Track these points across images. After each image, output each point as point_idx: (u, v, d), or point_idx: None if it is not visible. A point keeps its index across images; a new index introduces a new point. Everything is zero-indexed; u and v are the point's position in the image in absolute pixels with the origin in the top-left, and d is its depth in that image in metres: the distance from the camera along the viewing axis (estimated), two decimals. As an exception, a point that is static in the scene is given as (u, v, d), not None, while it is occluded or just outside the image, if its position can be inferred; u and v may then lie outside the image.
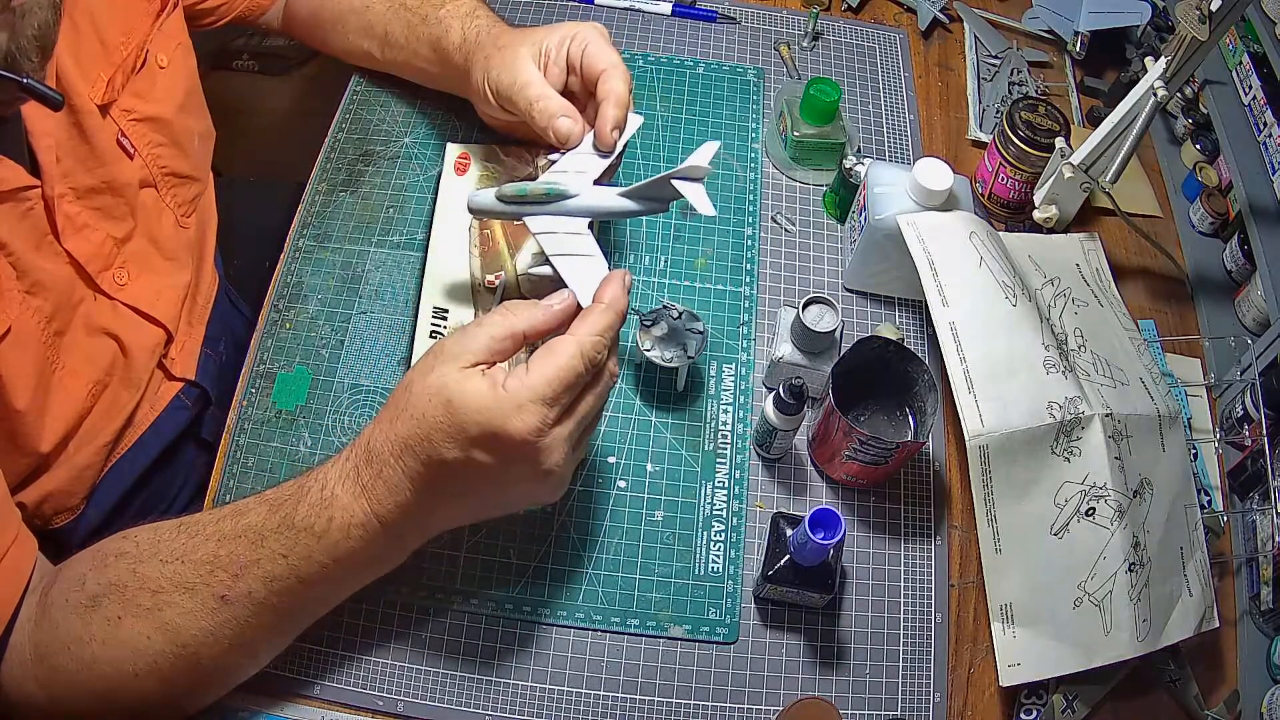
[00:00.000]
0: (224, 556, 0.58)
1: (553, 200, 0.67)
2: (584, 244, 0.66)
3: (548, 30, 0.75)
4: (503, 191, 0.68)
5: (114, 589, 0.58)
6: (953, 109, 1.03)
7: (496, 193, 0.68)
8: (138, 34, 0.73)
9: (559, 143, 0.70)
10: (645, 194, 0.68)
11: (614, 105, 0.69)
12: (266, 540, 0.58)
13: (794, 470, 0.79)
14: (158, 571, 0.58)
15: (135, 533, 0.62)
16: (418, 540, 0.63)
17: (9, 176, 0.61)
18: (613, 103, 0.69)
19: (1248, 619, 0.79)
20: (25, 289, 0.64)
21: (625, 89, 0.70)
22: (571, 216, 0.68)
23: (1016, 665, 0.72)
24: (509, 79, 0.73)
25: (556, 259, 0.65)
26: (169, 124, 0.77)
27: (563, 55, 0.73)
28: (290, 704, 0.68)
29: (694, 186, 0.67)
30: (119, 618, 0.57)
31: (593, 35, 0.73)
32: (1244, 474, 0.83)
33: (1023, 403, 0.73)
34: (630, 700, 0.70)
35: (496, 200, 0.68)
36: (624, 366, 0.82)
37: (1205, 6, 0.75)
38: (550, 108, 0.71)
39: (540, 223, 0.67)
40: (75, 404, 0.70)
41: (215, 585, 0.57)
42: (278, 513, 0.59)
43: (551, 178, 0.69)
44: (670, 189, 0.67)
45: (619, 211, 0.69)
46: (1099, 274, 0.90)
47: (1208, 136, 1.00)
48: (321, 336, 0.82)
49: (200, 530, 0.60)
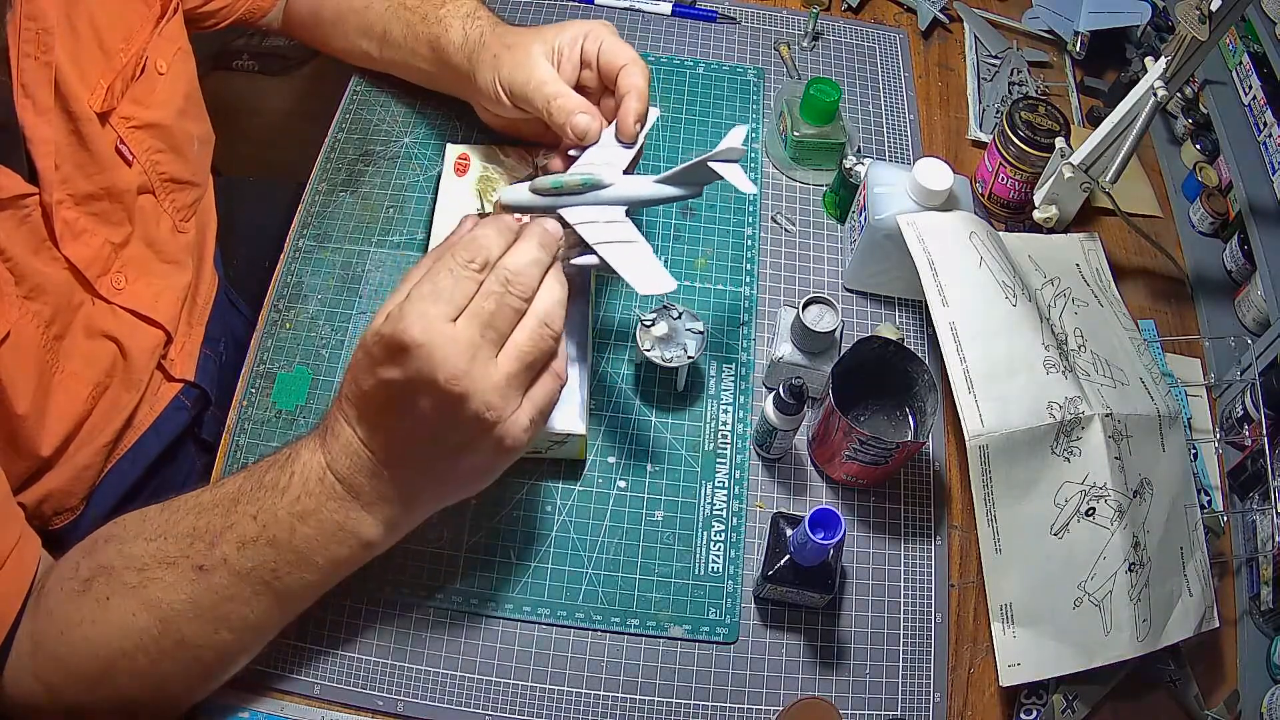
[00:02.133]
0: (201, 527, 0.59)
1: (588, 190, 0.67)
2: (625, 230, 0.67)
3: (558, 28, 0.75)
4: (538, 185, 0.67)
5: (102, 570, 0.59)
6: (953, 109, 1.03)
7: (530, 186, 0.68)
8: (137, 40, 0.73)
9: (577, 138, 0.71)
10: (681, 179, 0.69)
11: (636, 98, 0.71)
12: (239, 503, 0.59)
13: (794, 470, 0.79)
14: (142, 549, 0.59)
15: (125, 518, 0.63)
16: (382, 506, 0.60)
17: (7, 184, 0.61)
18: (635, 96, 0.71)
19: (1248, 619, 0.79)
20: (24, 294, 0.64)
21: (645, 82, 0.71)
22: (608, 205, 0.68)
23: (1016, 665, 0.72)
24: (524, 77, 0.74)
25: (601, 247, 0.66)
26: (168, 130, 0.77)
27: (576, 53, 0.74)
28: (290, 704, 0.68)
29: (731, 167, 0.68)
30: (107, 598, 0.58)
31: (606, 32, 0.74)
32: (1244, 474, 0.83)
33: (1023, 403, 0.73)
34: (630, 700, 0.70)
35: (531, 194, 0.68)
36: (624, 366, 0.82)
37: (1205, 6, 0.75)
38: (568, 104, 0.71)
39: (578, 214, 0.68)
40: (75, 407, 0.70)
41: (194, 556, 0.58)
42: (251, 477, 0.60)
43: (584, 169, 0.70)
44: (707, 171, 0.68)
45: (654, 198, 0.69)
46: (1099, 274, 0.90)
47: (1208, 136, 1.00)
48: (321, 336, 0.82)
49: (182, 505, 0.61)
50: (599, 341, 0.83)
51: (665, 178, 0.68)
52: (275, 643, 0.66)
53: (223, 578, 0.58)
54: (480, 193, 0.84)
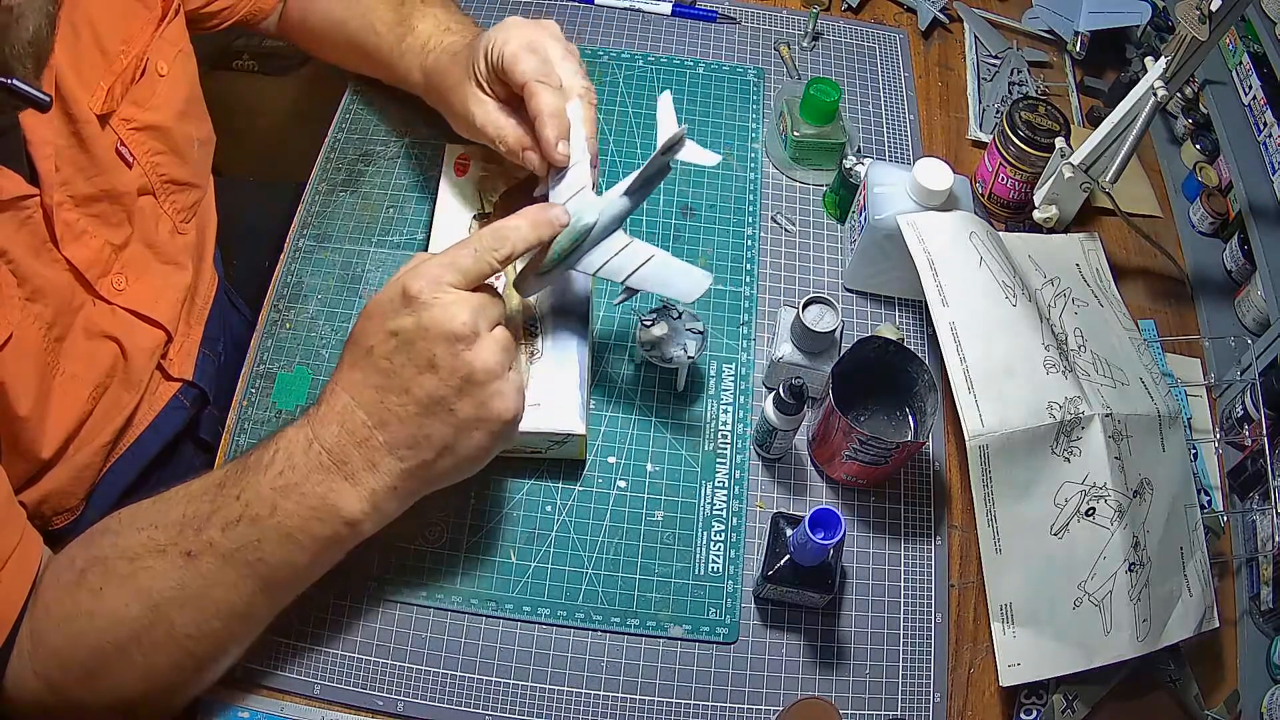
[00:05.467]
0: (190, 514, 0.59)
1: (583, 241, 0.68)
2: (638, 251, 0.69)
3: (477, 51, 0.73)
4: (543, 266, 0.68)
5: (96, 562, 0.60)
6: (953, 109, 1.03)
7: (538, 272, 0.69)
8: (138, 43, 0.73)
9: (539, 171, 0.72)
10: (645, 179, 0.69)
11: (546, 125, 0.68)
12: (225, 486, 0.60)
13: (794, 470, 0.80)
14: (134, 539, 0.60)
15: (119, 512, 0.63)
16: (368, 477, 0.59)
17: (8, 186, 0.61)
18: (544, 122, 0.68)
19: (1248, 619, 0.79)
20: (25, 296, 0.64)
21: (555, 99, 0.69)
22: (606, 239, 0.69)
23: (1016, 665, 0.72)
24: (467, 123, 0.76)
25: (630, 280, 0.68)
26: (169, 132, 0.77)
27: (494, 73, 0.72)
28: (290, 704, 0.68)
29: (686, 149, 0.69)
30: (101, 588, 0.59)
31: (509, 46, 0.70)
32: (1244, 474, 0.83)
33: (1023, 403, 0.73)
34: (630, 700, 0.70)
35: (543, 277, 0.69)
36: (624, 366, 0.82)
37: (1205, 6, 0.75)
38: (509, 142, 0.73)
39: (592, 264, 0.69)
40: (76, 407, 0.70)
41: (182, 543, 0.59)
42: (239, 463, 0.61)
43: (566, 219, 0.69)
44: (663, 162, 0.69)
45: (634, 207, 0.70)
46: (1099, 274, 0.90)
47: (1208, 136, 1.00)
48: (321, 336, 0.82)
49: (173, 495, 0.62)
50: (599, 341, 0.83)
51: (630, 188, 0.69)
52: (275, 642, 0.66)
53: (210, 562, 0.58)
54: (480, 193, 0.84)
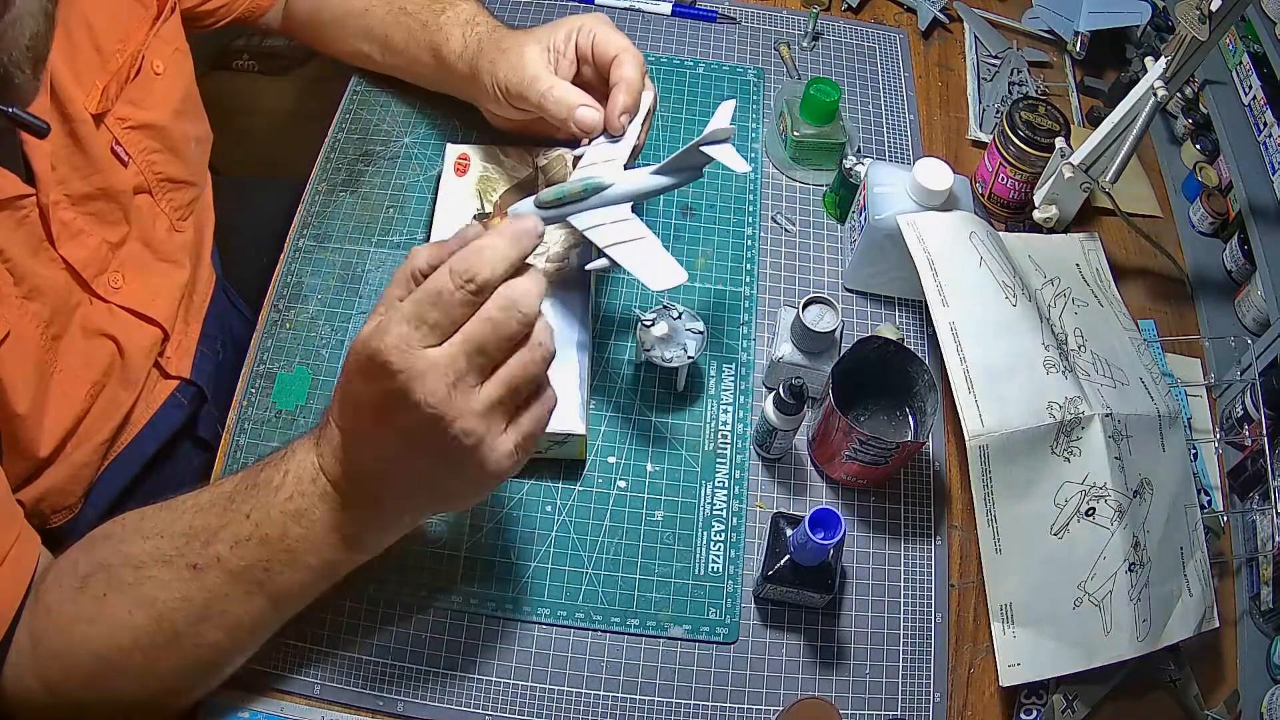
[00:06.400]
0: (198, 526, 0.59)
1: (590, 194, 0.68)
2: (633, 228, 0.68)
3: (552, 27, 0.75)
4: (541, 198, 0.68)
5: (100, 568, 0.59)
6: (953, 109, 1.03)
7: (535, 200, 0.68)
8: (134, 41, 0.73)
9: (582, 132, 0.71)
10: (678, 165, 0.69)
11: (624, 92, 0.70)
12: (235, 502, 0.59)
13: (794, 470, 0.79)
14: (139, 548, 0.59)
15: (124, 516, 0.63)
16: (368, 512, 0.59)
17: (4, 185, 0.61)
18: (623, 89, 0.71)
19: (1248, 619, 0.79)
20: (23, 295, 0.64)
21: (638, 74, 0.71)
22: (612, 205, 0.69)
23: (1016, 665, 0.72)
24: (517, 77, 0.74)
25: (611, 249, 0.67)
26: (165, 130, 0.77)
27: (571, 48, 0.74)
28: (290, 704, 0.68)
29: (723, 148, 0.68)
30: (104, 595, 0.58)
31: (599, 24, 0.74)
32: (1244, 474, 0.83)
33: (1023, 403, 0.73)
34: (630, 700, 0.70)
35: (536, 208, 0.69)
36: (624, 366, 0.82)
37: (1205, 6, 0.75)
38: (566, 98, 0.72)
39: (585, 219, 0.68)
40: (73, 406, 0.70)
41: (189, 555, 0.58)
42: (248, 477, 0.60)
43: (584, 172, 0.70)
44: (700, 155, 0.68)
45: (655, 189, 0.70)
46: (1099, 274, 0.90)
47: (1208, 136, 1.00)
48: (321, 336, 0.82)
49: (180, 504, 0.61)
50: (599, 341, 0.83)
51: (662, 168, 0.69)
52: (275, 642, 0.66)
53: (216, 577, 0.58)
54: (480, 193, 0.84)
